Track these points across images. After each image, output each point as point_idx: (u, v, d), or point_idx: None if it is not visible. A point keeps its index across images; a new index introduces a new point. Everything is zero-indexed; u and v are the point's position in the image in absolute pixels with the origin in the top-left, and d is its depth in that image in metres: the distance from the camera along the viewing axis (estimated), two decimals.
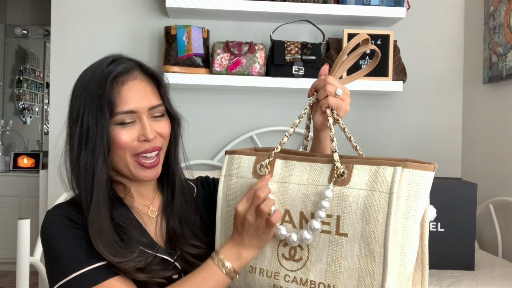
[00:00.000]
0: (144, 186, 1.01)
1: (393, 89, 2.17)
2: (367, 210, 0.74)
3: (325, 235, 0.79)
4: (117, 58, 0.96)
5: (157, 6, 2.28)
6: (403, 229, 0.74)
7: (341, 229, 0.77)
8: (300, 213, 0.81)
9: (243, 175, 0.89)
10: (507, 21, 1.99)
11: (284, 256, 0.84)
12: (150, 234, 0.97)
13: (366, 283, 0.75)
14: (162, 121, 0.97)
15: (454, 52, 2.41)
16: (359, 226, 0.75)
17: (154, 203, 1.03)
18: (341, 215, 0.77)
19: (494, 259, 1.84)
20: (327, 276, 0.79)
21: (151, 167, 0.95)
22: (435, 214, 1.63)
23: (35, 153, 4.15)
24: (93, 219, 0.88)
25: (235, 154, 0.91)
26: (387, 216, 0.73)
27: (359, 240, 0.75)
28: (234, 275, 0.86)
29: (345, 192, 0.77)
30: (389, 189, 0.73)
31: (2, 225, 3.82)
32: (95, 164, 0.90)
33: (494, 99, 2.14)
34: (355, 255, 0.76)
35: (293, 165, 0.84)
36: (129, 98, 0.92)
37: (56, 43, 2.27)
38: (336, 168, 0.78)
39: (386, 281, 0.73)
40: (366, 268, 0.75)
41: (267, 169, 0.86)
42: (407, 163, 0.74)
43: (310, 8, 2.12)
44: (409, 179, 0.74)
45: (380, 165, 0.75)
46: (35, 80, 4.81)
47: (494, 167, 2.12)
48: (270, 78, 2.12)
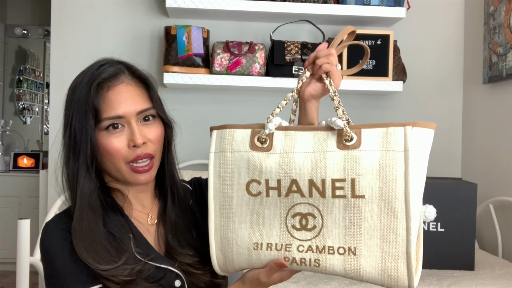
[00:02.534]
0: (142, 193, 1.00)
1: (393, 89, 2.17)
2: (383, 170, 0.75)
3: (339, 200, 0.78)
4: (106, 62, 0.94)
5: (157, 6, 2.28)
6: (417, 184, 0.76)
7: (357, 191, 0.77)
8: (310, 180, 0.79)
9: (238, 149, 0.84)
10: (507, 21, 1.99)
11: (294, 227, 0.81)
12: (150, 242, 0.96)
13: (390, 240, 0.76)
14: (152, 126, 0.94)
15: (454, 52, 2.41)
16: (377, 186, 0.76)
17: (153, 210, 1.01)
18: (356, 178, 0.76)
19: (494, 259, 1.84)
20: (347, 239, 0.78)
21: (143, 172, 0.92)
22: (435, 214, 1.63)
23: (35, 153, 4.15)
24: (76, 225, 0.87)
25: (225, 128, 0.87)
26: (405, 173, 0.74)
27: (378, 200, 0.76)
28: None
29: (358, 154, 0.77)
30: (404, 147, 0.75)
31: (2, 225, 3.82)
32: (78, 171, 0.89)
33: (494, 99, 2.14)
34: (375, 215, 0.76)
35: (294, 135, 0.83)
36: (115, 103, 0.89)
37: (56, 43, 2.27)
38: (346, 132, 0.78)
39: (411, 234, 0.75)
40: (388, 226, 0.76)
41: (265, 141, 0.83)
42: (416, 122, 0.76)
43: (310, 8, 2.12)
44: (417, 137, 0.76)
45: (389, 127, 0.77)
46: (35, 80, 4.81)
47: (494, 167, 2.12)
48: (270, 78, 2.12)
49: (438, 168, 2.34)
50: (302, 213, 0.81)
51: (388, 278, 0.77)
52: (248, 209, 0.84)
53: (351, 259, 0.78)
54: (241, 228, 0.85)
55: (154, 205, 1.02)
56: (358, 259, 0.78)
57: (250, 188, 0.83)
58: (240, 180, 0.84)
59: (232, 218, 0.85)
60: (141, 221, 0.98)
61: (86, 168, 0.89)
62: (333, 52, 0.88)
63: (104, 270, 0.85)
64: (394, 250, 0.76)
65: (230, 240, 0.86)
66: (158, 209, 1.01)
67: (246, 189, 0.83)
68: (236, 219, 0.85)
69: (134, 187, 0.98)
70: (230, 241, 0.86)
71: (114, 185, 0.97)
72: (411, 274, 0.76)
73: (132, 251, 0.90)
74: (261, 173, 0.81)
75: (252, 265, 0.86)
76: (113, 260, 0.86)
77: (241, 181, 0.83)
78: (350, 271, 0.78)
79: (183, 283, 0.93)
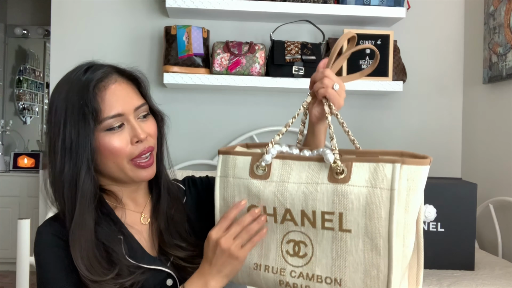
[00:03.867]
0: (136, 192, 1.00)
1: (393, 89, 2.17)
2: (369, 207, 0.76)
3: (328, 232, 0.80)
4: (91, 65, 0.94)
5: (157, 6, 2.28)
6: (404, 223, 0.77)
7: (344, 226, 0.78)
8: (302, 211, 0.82)
9: (239, 176, 0.89)
10: (507, 21, 1.99)
11: (288, 253, 0.85)
12: (142, 245, 0.96)
13: (372, 276, 0.77)
14: (148, 121, 0.96)
15: (454, 52, 2.41)
16: (362, 222, 0.77)
17: (147, 208, 1.02)
18: (344, 212, 0.78)
19: (494, 259, 1.84)
20: (333, 270, 0.81)
21: (147, 166, 0.94)
22: (435, 214, 1.63)
23: (35, 153, 4.15)
24: (75, 232, 0.87)
25: (229, 154, 0.91)
26: (389, 212, 0.75)
27: (363, 236, 0.77)
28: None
29: (346, 189, 0.78)
30: (390, 185, 0.75)
31: (2, 225, 3.82)
32: (78, 176, 0.88)
33: (494, 99, 2.14)
34: (359, 250, 0.78)
35: (291, 164, 0.85)
36: (113, 102, 0.90)
37: (56, 43, 2.27)
38: (337, 165, 0.79)
39: (392, 273, 0.76)
40: (371, 262, 0.77)
41: (264, 169, 0.86)
42: (405, 159, 0.76)
43: (310, 8, 2.12)
44: (408, 175, 0.76)
45: (379, 163, 0.77)
46: (35, 80, 4.81)
47: (494, 167, 2.12)
48: (270, 78, 2.12)
49: (438, 168, 2.34)
50: (295, 240, 0.85)
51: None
52: None
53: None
54: None
55: (148, 202, 1.02)
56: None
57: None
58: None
59: None
60: (133, 223, 0.98)
61: (86, 171, 0.88)
62: (327, 74, 0.88)
63: (94, 281, 0.84)
64: (376, 285, 0.77)
65: None
66: (151, 206, 1.02)
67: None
68: None
69: (128, 188, 0.98)
70: None
71: (110, 188, 0.97)
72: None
73: (124, 261, 0.90)
74: (259, 200, 0.86)
75: (254, 282, 0.91)
76: (104, 272, 0.86)
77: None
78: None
79: (175, 282, 0.94)
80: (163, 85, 2.23)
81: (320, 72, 0.89)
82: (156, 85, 2.26)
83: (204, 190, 1.09)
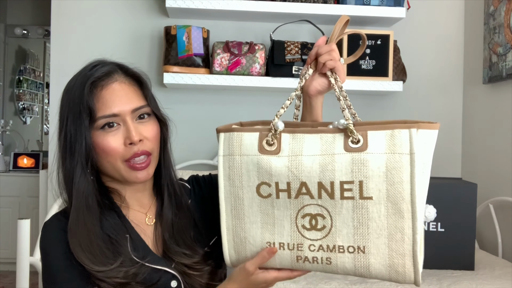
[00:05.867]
0: (141, 192, 1.00)
1: (393, 89, 2.17)
2: (390, 172, 0.77)
3: (348, 201, 0.80)
4: (98, 63, 0.94)
5: (157, 6, 2.28)
6: (422, 184, 0.79)
7: (365, 193, 0.79)
8: (319, 183, 0.81)
9: (247, 153, 0.85)
10: (507, 21, 1.99)
11: (305, 227, 0.84)
12: (147, 243, 0.95)
13: (397, 239, 0.79)
14: (148, 123, 0.94)
15: (454, 52, 2.41)
16: (384, 188, 0.78)
17: (151, 210, 1.01)
18: (364, 180, 0.78)
19: (494, 259, 1.84)
20: (356, 239, 0.81)
21: (141, 169, 0.92)
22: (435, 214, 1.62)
23: (35, 153, 4.15)
24: (72, 225, 0.88)
25: (233, 132, 0.87)
26: (411, 175, 0.77)
27: (385, 201, 0.78)
28: None
29: (365, 157, 0.78)
30: (409, 150, 0.77)
31: (2, 225, 3.82)
32: (74, 172, 0.89)
33: (494, 99, 2.14)
34: (382, 215, 0.79)
35: (302, 138, 0.84)
36: (110, 102, 0.90)
37: (56, 43, 2.27)
38: (352, 135, 0.80)
39: (417, 233, 0.78)
40: (395, 226, 0.79)
41: (273, 145, 0.84)
42: (419, 123, 0.78)
43: (310, 8, 2.12)
44: (423, 138, 0.78)
45: (394, 129, 0.78)
46: (35, 80, 4.81)
47: (494, 167, 2.12)
48: (270, 78, 2.12)
49: (438, 168, 2.34)
50: (312, 213, 0.83)
51: (396, 274, 0.81)
52: (259, 210, 0.86)
53: (361, 257, 0.82)
54: (253, 228, 0.87)
55: (152, 204, 1.02)
56: (367, 256, 0.81)
57: (261, 190, 0.85)
58: (250, 182, 0.85)
59: (244, 219, 0.87)
60: (138, 222, 0.97)
61: (81, 168, 0.89)
62: (334, 47, 0.89)
63: (98, 271, 0.85)
64: (401, 248, 0.79)
65: (243, 239, 0.88)
66: (156, 209, 1.01)
67: (257, 191, 0.85)
68: (248, 220, 0.87)
69: (132, 187, 0.98)
70: (243, 240, 0.88)
71: (112, 185, 0.97)
72: (417, 270, 0.80)
73: (128, 254, 0.90)
74: (270, 176, 0.83)
75: (267, 263, 0.88)
76: (108, 262, 0.86)
77: (251, 183, 0.85)
78: (360, 268, 0.82)
79: (180, 284, 0.93)
80: (163, 85, 2.23)
81: (327, 46, 0.89)
82: (156, 85, 2.25)
83: (207, 187, 1.08)
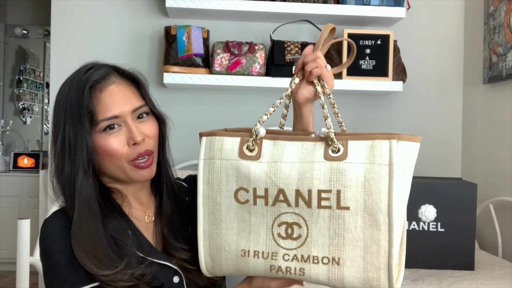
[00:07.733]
0: (140, 191, 1.01)
1: (393, 89, 2.17)
2: (368, 182, 0.77)
3: (325, 211, 0.79)
4: (92, 66, 0.95)
5: (157, 6, 2.28)
6: (401, 197, 0.78)
7: (342, 203, 0.78)
8: (296, 191, 0.80)
9: (227, 157, 0.85)
10: (507, 21, 1.99)
11: (280, 236, 0.83)
12: (150, 241, 0.96)
13: (372, 251, 0.78)
14: (148, 122, 0.95)
15: (454, 52, 2.41)
16: (361, 198, 0.77)
17: (150, 207, 1.02)
18: (342, 189, 0.78)
19: (494, 259, 1.84)
20: (331, 249, 0.80)
21: (147, 167, 0.94)
22: (435, 214, 1.63)
23: (35, 153, 4.15)
24: (75, 230, 0.87)
25: (214, 136, 0.87)
26: (389, 186, 0.76)
27: (362, 212, 0.77)
28: None
29: (344, 166, 0.78)
30: (388, 161, 0.76)
31: (2, 225, 3.82)
32: (75, 177, 0.89)
33: (494, 99, 2.14)
34: (359, 226, 0.78)
35: (283, 144, 0.83)
36: (110, 104, 0.90)
37: (56, 43, 2.27)
38: (333, 143, 0.80)
39: (393, 246, 0.77)
40: (371, 238, 0.78)
41: (253, 150, 0.84)
42: (400, 135, 0.78)
43: (310, 8, 2.12)
44: (403, 150, 0.78)
45: (375, 140, 0.78)
46: (35, 80, 4.81)
47: (494, 167, 2.12)
48: (270, 78, 2.12)
49: (438, 168, 2.34)
50: (288, 222, 0.82)
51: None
52: (236, 216, 0.85)
53: (335, 268, 0.80)
54: (229, 235, 0.86)
55: (151, 202, 1.03)
56: (341, 269, 0.80)
57: (238, 196, 0.84)
58: (228, 187, 0.85)
59: (220, 225, 0.86)
60: (139, 220, 0.98)
61: (84, 172, 0.89)
62: (319, 55, 0.89)
63: (104, 275, 0.85)
64: (376, 261, 0.78)
65: (218, 246, 0.87)
66: (155, 206, 1.02)
67: (234, 196, 0.84)
68: (224, 225, 0.86)
69: (132, 186, 0.98)
70: (218, 247, 0.87)
71: (113, 186, 0.98)
72: (392, 284, 0.78)
73: (134, 253, 0.90)
74: (249, 182, 0.83)
75: (240, 271, 0.87)
76: (113, 265, 0.86)
77: (229, 188, 0.85)
78: (334, 280, 0.81)
79: (181, 280, 0.94)
80: (163, 85, 2.23)
81: (313, 54, 0.90)
82: (156, 85, 2.26)
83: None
